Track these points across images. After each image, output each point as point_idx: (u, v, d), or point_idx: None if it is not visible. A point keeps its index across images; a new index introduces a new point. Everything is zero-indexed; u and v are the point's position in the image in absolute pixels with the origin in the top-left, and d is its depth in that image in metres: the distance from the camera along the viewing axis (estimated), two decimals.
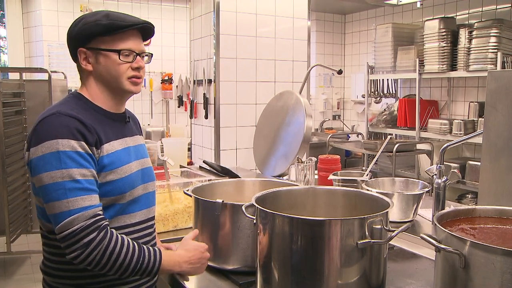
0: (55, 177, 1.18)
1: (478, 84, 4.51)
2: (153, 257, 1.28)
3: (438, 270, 1.12)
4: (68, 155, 1.19)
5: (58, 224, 1.18)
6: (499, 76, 2.16)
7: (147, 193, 1.42)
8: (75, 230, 1.17)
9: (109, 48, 1.31)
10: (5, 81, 4.39)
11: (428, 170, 1.85)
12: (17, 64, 5.66)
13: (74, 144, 1.21)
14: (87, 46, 1.32)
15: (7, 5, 5.65)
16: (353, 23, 6.15)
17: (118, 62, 1.32)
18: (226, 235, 1.44)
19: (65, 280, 1.30)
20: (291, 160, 2.60)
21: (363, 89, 5.47)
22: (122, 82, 1.34)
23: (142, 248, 1.27)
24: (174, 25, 6.23)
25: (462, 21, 4.55)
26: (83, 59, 1.33)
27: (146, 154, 1.50)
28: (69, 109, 1.27)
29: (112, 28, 1.29)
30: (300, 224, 1.13)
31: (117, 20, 1.30)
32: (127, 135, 1.41)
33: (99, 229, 1.19)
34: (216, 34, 3.35)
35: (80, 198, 1.19)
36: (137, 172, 1.38)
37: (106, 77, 1.34)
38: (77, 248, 1.17)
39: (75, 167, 1.20)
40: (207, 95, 3.51)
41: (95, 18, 1.30)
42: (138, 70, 1.35)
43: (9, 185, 4.05)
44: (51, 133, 1.21)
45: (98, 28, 1.29)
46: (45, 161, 1.19)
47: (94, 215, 1.20)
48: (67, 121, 1.23)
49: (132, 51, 1.33)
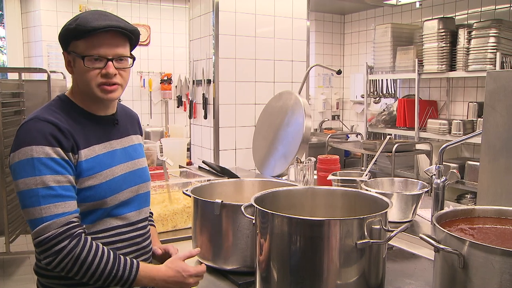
0: (29, 184, 1.18)
1: (477, 84, 4.51)
2: (129, 268, 1.23)
3: (437, 270, 1.12)
4: (42, 162, 1.18)
5: (32, 230, 1.19)
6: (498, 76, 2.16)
7: (138, 194, 1.40)
8: (47, 237, 1.17)
9: (77, 54, 1.27)
10: (4, 81, 4.39)
11: (427, 170, 1.85)
12: (16, 64, 5.66)
13: (49, 150, 1.20)
14: (68, 50, 1.31)
15: (6, 5, 5.65)
16: (352, 23, 6.15)
17: (83, 69, 1.27)
18: (225, 235, 1.44)
19: (58, 281, 1.30)
20: (290, 160, 2.60)
21: (362, 89, 5.47)
22: (92, 88, 1.29)
23: (118, 258, 1.24)
24: (173, 25, 6.23)
25: (461, 21, 4.55)
26: (67, 62, 1.33)
27: (140, 154, 1.46)
28: (49, 113, 1.25)
29: (78, 33, 1.25)
30: (299, 224, 1.13)
31: (81, 25, 1.24)
32: (114, 137, 1.38)
33: (71, 237, 1.18)
34: (215, 34, 3.35)
35: (53, 205, 1.18)
36: (123, 176, 1.35)
37: (80, 82, 1.31)
38: (49, 255, 1.18)
39: (49, 173, 1.19)
40: (206, 95, 3.51)
41: (68, 22, 1.28)
42: (107, 77, 1.27)
43: (8, 185, 4.05)
44: (26, 140, 1.21)
45: (68, 33, 1.27)
46: (21, 168, 1.20)
47: (67, 222, 1.19)
48: (43, 127, 1.21)
49: (102, 57, 1.26)
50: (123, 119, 1.45)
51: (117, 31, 1.27)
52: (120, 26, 1.27)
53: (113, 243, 1.32)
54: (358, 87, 5.80)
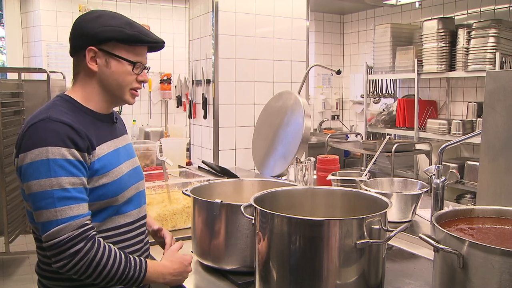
0: (44, 185, 1.17)
1: (477, 84, 4.51)
2: (139, 267, 1.27)
3: (436, 270, 1.12)
4: (58, 163, 1.17)
5: (45, 232, 1.17)
6: (498, 76, 2.16)
7: (138, 192, 1.43)
8: (63, 239, 1.16)
9: (125, 58, 1.31)
10: (3, 81, 4.39)
11: (427, 170, 1.85)
12: (15, 64, 5.65)
13: (65, 152, 1.19)
14: (99, 47, 1.29)
15: (6, 5, 5.65)
16: (352, 23, 6.15)
17: (130, 73, 1.33)
18: (225, 236, 1.44)
19: (63, 282, 1.30)
20: (290, 160, 2.60)
21: (362, 89, 5.47)
22: (125, 92, 1.35)
23: (129, 258, 1.27)
24: (172, 25, 6.23)
25: (461, 21, 4.55)
26: (90, 57, 1.29)
27: (134, 153, 1.50)
28: (60, 114, 1.24)
29: (136, 40, 1.30)
30: (299, 224, 1.13)
31: (142, 34, 1.31)
32: (116, 136, 1.41)
33: (86, 239, 1.18)
34: (214, 34, 3.35)
35: (69, 208, 1.17)
36: (128, 173, 1.38)
37: (111, 83, 1.32)
38: (64, 257, 1.17)
39: (65, 175, 1.18)
40: (206, 95, 3.51)
41: (118, 24, 1.29)
42: (142, 83, 1.37)
43: (7, 185, 4.04)
44: (41, 140, 1.18)
45: (121, 35, 1.28)
46: (34, 169, 1.17)
47: (82, 225, 1.19)
48: (57, 128, 1.20)
49: (142, 65, 1.35)
50: (117, 118, 1.49)
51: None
52: (164, 42, 1.40)
53: (122, 242, 1.35)
54: (358, 87, 5.80)
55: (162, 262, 1.37)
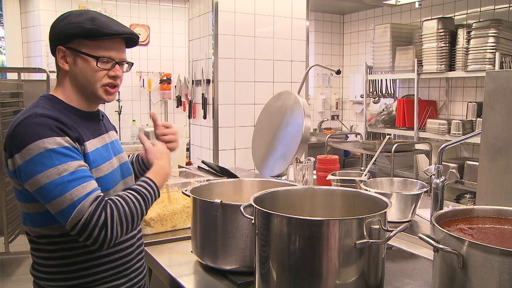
0: (51, 175, 1.17)
1: (477, 84, 4.52)
2: (150, 188, 1.33)
3: (436, 270, 1.12)
4: (57, 151, 1.19)
5: (67, 220, 1.17)
6: (497, 76, 2.16)
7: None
8: (86, 218, 1.17)
9: (88, 53, 1.29)
10: (3, 81, 4.39)
11: (427, 170, 1.85)
12: (15, 64, 5.65)
13: (60, 140, 1.20)
14: (67, 45, 1.30)
15: (5, 5, 5.64)
16: (351, 23, 6.15)
17: (95, 69, 1.31)
18: (225, 235, 1.44)
19: (58, 282, 1.30)
20: (290, 160, 2.60)
21: (361, 89, 5.47)
22: (96, 88, 1.33)
23: (139, 190, 1.30)
24: (172, 25, 6.22)
25: (461, 21, 4.55)
26: (61, 57, 1.32)
27: (122, 148, 1.52)
28: (45, 110, 1.25)
29: (96, 34, 1.28)
30: (298, 224, 1.13)
31: (102, 27, 1.28)
32: (102, 133, 1.42)
33: (104, 208, 1.20)
34: (214, 34, 3.35)
35: (81, 187, 1.19)
36: (117, 168, 1.41)
37: (81, 80, 1.33)
38: (98, 233, 1.18)
39: (68, 160, 1.19)
40: (205, 95, 3.51)
41: (80, 20, 1.28)
42: (115, 78, 1.34)
43: (7, 185, 4.04)
44: (34, 135, 1.19)
45: (81, 31, 1.28)
46: (36, 163, 1.17)
47: (95, 198, 1.20)
48: (46, 121, 1.21)
49: (111, 59, 1.32)
50: (103, 116, 1.51)
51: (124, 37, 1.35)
52: (134, 34, 1.36)
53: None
54: (358, 87, 5.80)
55: (157, 165, 1.41)
